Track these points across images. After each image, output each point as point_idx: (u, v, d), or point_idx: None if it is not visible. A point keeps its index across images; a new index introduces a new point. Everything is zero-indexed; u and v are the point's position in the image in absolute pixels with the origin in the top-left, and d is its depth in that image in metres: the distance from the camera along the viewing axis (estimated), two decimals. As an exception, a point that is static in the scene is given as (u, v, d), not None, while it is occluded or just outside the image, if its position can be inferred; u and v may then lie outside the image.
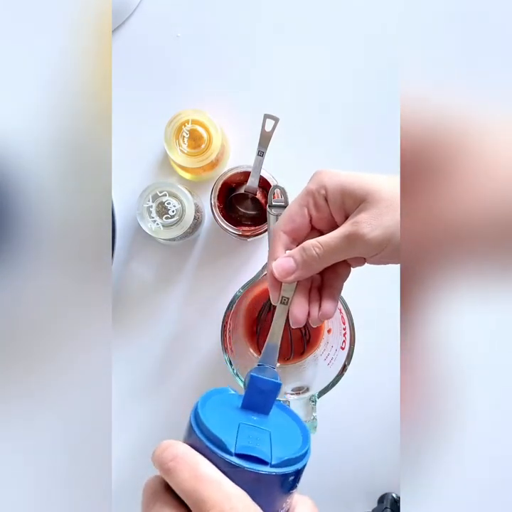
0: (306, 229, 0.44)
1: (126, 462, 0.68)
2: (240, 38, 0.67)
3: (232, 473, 0.33)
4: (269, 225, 0.49)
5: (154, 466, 0.35)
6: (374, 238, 0.40)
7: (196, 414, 0.37)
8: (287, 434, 0.40)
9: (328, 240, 0.41)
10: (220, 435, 0.34)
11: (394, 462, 0.67)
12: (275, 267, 0.42)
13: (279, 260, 0.43)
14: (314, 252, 0.41)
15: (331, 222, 0.43)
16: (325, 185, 0.42)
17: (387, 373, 0.64)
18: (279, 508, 0.35)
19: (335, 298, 0.44)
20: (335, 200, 0.42)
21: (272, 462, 0.34)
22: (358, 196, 0.41)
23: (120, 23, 0.67)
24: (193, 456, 0.34)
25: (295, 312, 0.43)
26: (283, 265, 0.42)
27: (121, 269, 0.68)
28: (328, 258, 0.42)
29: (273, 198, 0.48)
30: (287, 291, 0.43)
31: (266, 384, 0.42)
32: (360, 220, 0.40)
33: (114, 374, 0.66)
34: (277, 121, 0.57)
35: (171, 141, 0.62)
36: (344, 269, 0.44)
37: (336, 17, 0.67)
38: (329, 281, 0.44)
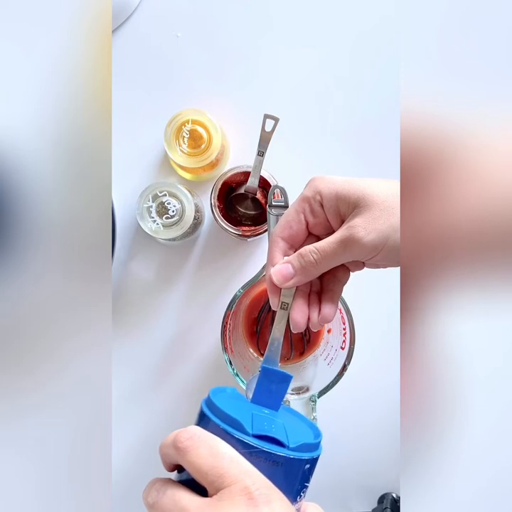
0: (303, 235, 0.44)
1: (126, 462, 0.68)
2: (240, 38, 0.68)
3: (249, 454, 0.33)
4: (269, 225, 0.49)
5: (163, 452, 0.34)
6: (369, 242, 0.40)
7: (209, 401, 0.36)
8: (299, 428, 0.40)
9: (325, 245, 0.42)
10: (237, 416, 0.34)
11: (394, 462, 0.67)
12: (274, 274, 0.43)
13: (277, 267, 0.43)
14: (312, 257, 0.42)
15: (327, 227, 0.44)
16: (320, 191, 0.43)
17: (387, 373, 0.64)
18: (292, 500, 0.34)
19: (334, 302, 0.44)
20: (330, 205, 0.42)
21: (290, 445, 0.34)
22: (352, 201, 0.41)
23: (120, 23, 0.67)
24: (209, 435, 0.33)
25: (295, 317, 0.43)
26: (281, 271, 0.43)
27: (121, 269, 0.68)
28: (326, 263, 0.42)
29: (273, 198, 0.48)
30: (287, 297, 0.43)
31: (277, 375, 0.42)
32: (355, 225, 0.41)
33: (114, 374, 0.66)
34: (277, 121, 0.57)
35: (171, 141, 0.62)
36: (343, 274, 0.45)
37: (335, 17, 0.67)
38: (329, 286, 0.45)
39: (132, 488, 0.67)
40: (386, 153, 0.65)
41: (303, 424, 0.41)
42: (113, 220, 0.63)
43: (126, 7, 0.66)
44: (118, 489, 0.66)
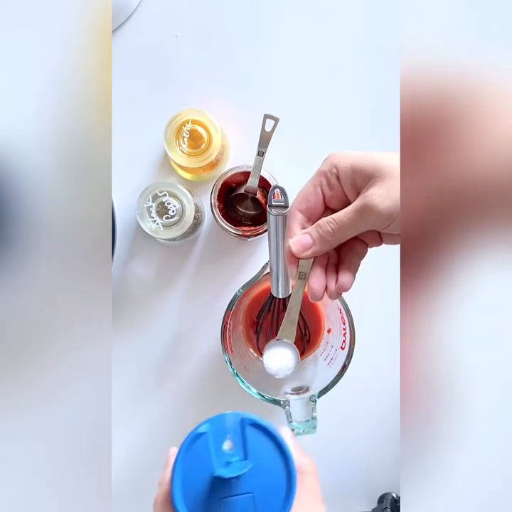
0: (320, 208, 0.45)
1: (126, 462, 0.68)
2: (240, 38, 0.67)
3: None
4: (269, 225, 0.49)
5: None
6: (384, 209, 0.41)
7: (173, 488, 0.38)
8: (271, 483, 0.40)
9: (342, 215, 0.43)
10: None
11: (394, 462, 0.67)
12: (293, 243, 0.44)
13: (295, 237, 0.44)
14: (329, 227, 0.43)
15: (343, 200, 0.45)
16: (336, 164, 0.44)
17: (387, 373, 0.64)
18: None
19: (352, 272, 0.45)
20: (346, 178, 0.43)
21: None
22: (367, 173, 0.42)
23: (120, 23, 0.67)
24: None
25: (313, 285, 0.44)
26: (300, 241, 0.44)
27: (121, 269, 0.68)
28: (343, 232, 0.43)
29: (273, 198, 0.48)
30: (304, 267, 0.45)
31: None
32: (370, 193, 0.42)
33: (114, 373, 0.66)
34: (277, 121, 0.57)
35: (171, 141, 0.62)
36: (361, 248, 0.45)
37: (335, 17, 0.67)
38: (346, 258, 0.46)
39: (132, 488, 0.67)
40: (388, 150, 0.65)
41: (276, 470, 0.41)
42: (113, 220, 0.63)
43: (126, 7, 0.66)
44: (118, 489, 0.66)
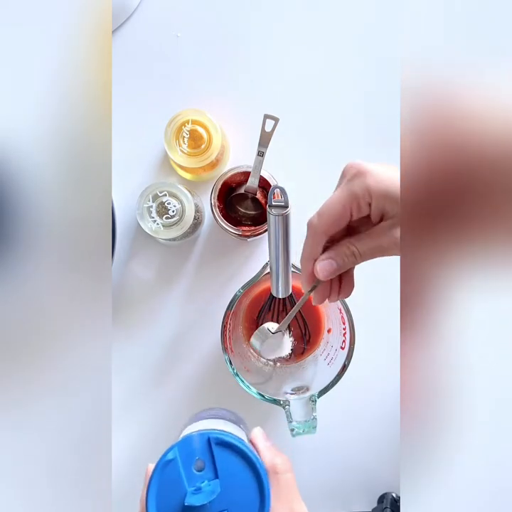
0: (344, 229, 0.45)
1: (125, 462, 0.68)
2: (239, 38, 0.67)
3: None
4: (269, 225, 0.49)
5: None
6: None
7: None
8: (244, 501, 0.40)
9: (366, 249, 0.44)
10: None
11: (394, 462, 0.67)
12: (320, 271, 0.45)
13: (321, 263, 0.45)
14: (354, 258, 0.44)
15: (364, 219, 0.44)
16: (370, 190, 0.42)
17: (387, 373, 0.64)
18: None
19: (353, 279, 0.47)
20: (378, 205, 0.42)
21: None
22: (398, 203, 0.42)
23: (120, 24, 0.67)
24: None
25: (318, 294, 0.47)
26: (325, 268, 0.45)
27: (121, 269, 0.68)
28: (365, 260, 0.44)
29: (273, 198, 0.48)
30: (318, 282, 0.47)
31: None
32: (397, 236, 0.42)
33: (114, 373, 0.66)
34: (277, 121, 0.57)
35: (171, 141, 0.62)
36: None
37: (334, 16, 0.67)
38: (350, 270, 0.47)
39: (132, 488, 0.67)
40: (389, 155, 0.65)
41: (248, 484, 0.41)
42: (113, 220, 0.63)
43: (126, 7, 0.66)
44: (118, 489, 0.66)
